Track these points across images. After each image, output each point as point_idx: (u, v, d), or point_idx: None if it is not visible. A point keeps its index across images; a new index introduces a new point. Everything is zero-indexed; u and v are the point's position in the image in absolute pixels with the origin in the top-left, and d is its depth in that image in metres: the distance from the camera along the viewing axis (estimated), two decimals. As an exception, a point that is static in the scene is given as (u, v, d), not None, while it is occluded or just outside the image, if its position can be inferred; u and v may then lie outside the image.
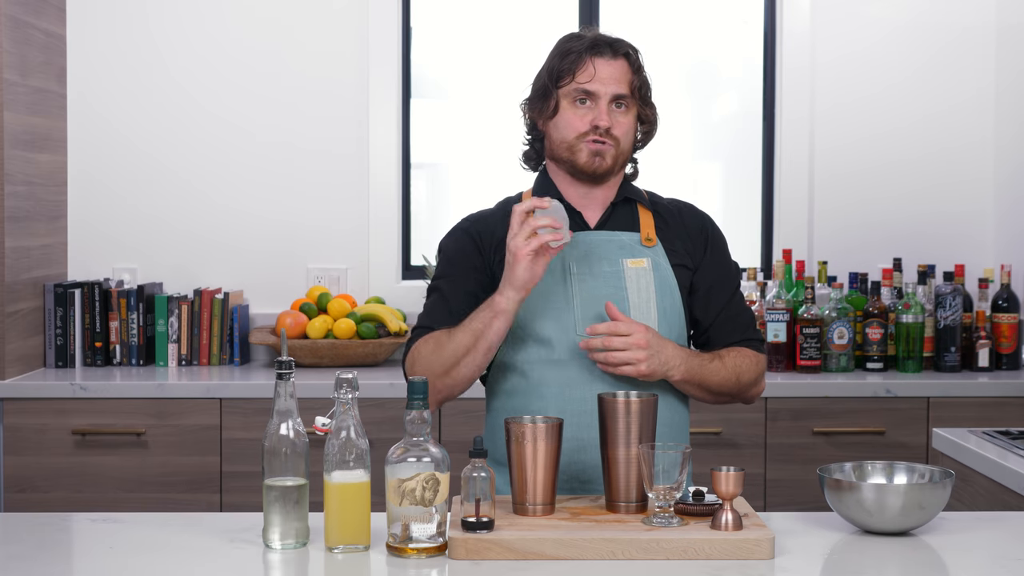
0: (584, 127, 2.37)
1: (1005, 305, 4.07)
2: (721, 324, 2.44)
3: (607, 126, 2.36)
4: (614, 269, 2.38)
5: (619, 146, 2.39)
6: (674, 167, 4.47)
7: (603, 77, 2.37)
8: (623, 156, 2.41)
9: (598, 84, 2.37)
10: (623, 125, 2.39)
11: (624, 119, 2.39)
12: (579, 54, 2.39)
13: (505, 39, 4.45)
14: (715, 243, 2.49)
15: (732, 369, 2.39)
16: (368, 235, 4.33)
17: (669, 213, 2.48)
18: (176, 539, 2.09)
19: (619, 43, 2.42)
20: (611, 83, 2.38)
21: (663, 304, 2.38)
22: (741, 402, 2.47)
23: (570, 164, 2.41)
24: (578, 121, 2.38)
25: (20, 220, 3.87)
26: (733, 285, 2.48)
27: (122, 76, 4.30)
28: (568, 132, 2.39)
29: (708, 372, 2.35)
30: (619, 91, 2.38)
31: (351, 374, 2.02)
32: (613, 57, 2.40)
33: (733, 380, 2.39)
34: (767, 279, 4.31)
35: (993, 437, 2.94)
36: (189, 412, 3.74)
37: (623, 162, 2.43)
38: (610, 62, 2.39)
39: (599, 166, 2.38)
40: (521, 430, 2.09)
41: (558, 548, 1.96)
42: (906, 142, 4.37)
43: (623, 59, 2.41)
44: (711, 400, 2.42)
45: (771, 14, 4.43)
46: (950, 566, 1.98)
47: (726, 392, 2.40)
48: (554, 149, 2.43)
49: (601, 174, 2.40)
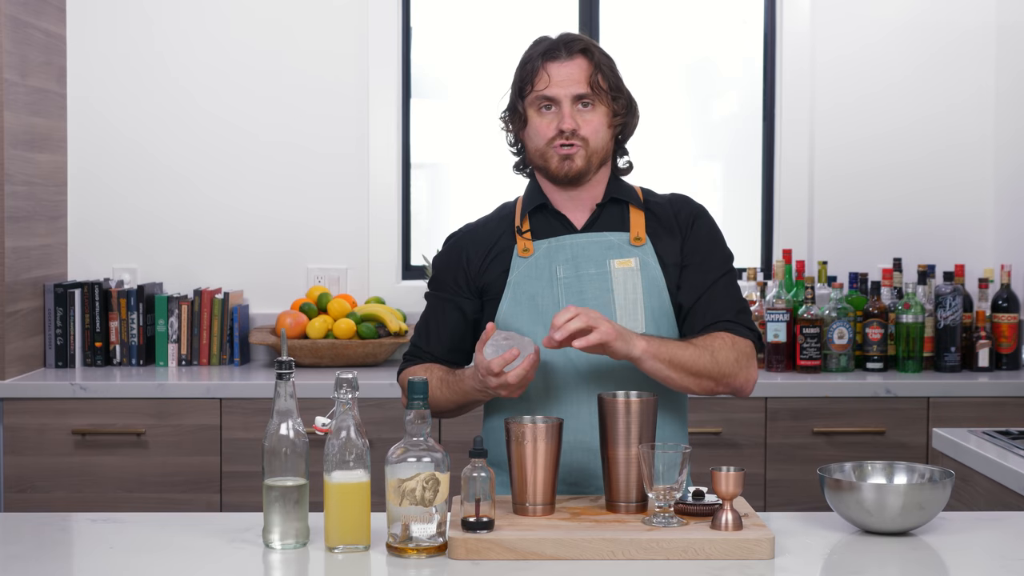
0: (551, 132, 2.37)
1: (1005, 305, 4.07)
2: (699, 307, 2.36)
3: (572, 128, 2.35)
4: (601, 271, 2.37)
5: (588, 145, 2.37)
6: (674, 167, 4.48)
7: (559, 80, 2.36)
8: (597, 155, 2.39)
9: (556, 88, 2.36)
10: (591, 123, 2.37)
11: (592, 117, 2.38)
12: (534, 61, 2.39)
13: (505, 39, 4.45)
14: (699, 228, 2.43)
15: (703, 347, 2.28)
16: (368, 235, 4.33)
17: (662, 210, 2.44)
18: (176, 539, 2.09)
19: (574, 42, 2.39)
20: (569, 84, 2.36)
21: (651, 304, 2.36)
22: (734, 392, 2.35)
23: (545, 171, 2.42)
24: (545, 128, 2.38)
25: (20, 220, 3.87)
26: (718, 271, 2.40)
27: (122, 76, 4.30)
28: (538, 140, 2.39)
29: (674, 347, 2.26)
30: (578, 91, 2.37)
31: (351, 374, 2.02)
32: (568, 57, 2.38)
33: (708, 357, 2.28)
34: (767, 279, 4.31)
35: (993, 437, 2.94)
36: (189, 412, 3.74)
37: (600, 160, 2.41)
38: (564, 64, 2.37)
39: (569, 169, 2.38)
40: (521, 430, 2.10)
41: (558, 548, 1.96)
42: (906, 142, 4.37)
43: (580, 56, 2.38)
44: (695, 386, 2.29)
45: (771, 14, 4.43)
46: (950, 566, 1.98)
47: (705, 372, 2.28)
48: (531, 158, 2.44)
49: (574, 177, 2.39)
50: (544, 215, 2.45)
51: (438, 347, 2.47)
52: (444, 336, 2.47)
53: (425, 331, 2.49)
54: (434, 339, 2.48)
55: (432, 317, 2.49)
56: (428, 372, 2.43)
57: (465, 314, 2.45)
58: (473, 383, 2.29)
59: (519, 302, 2.37)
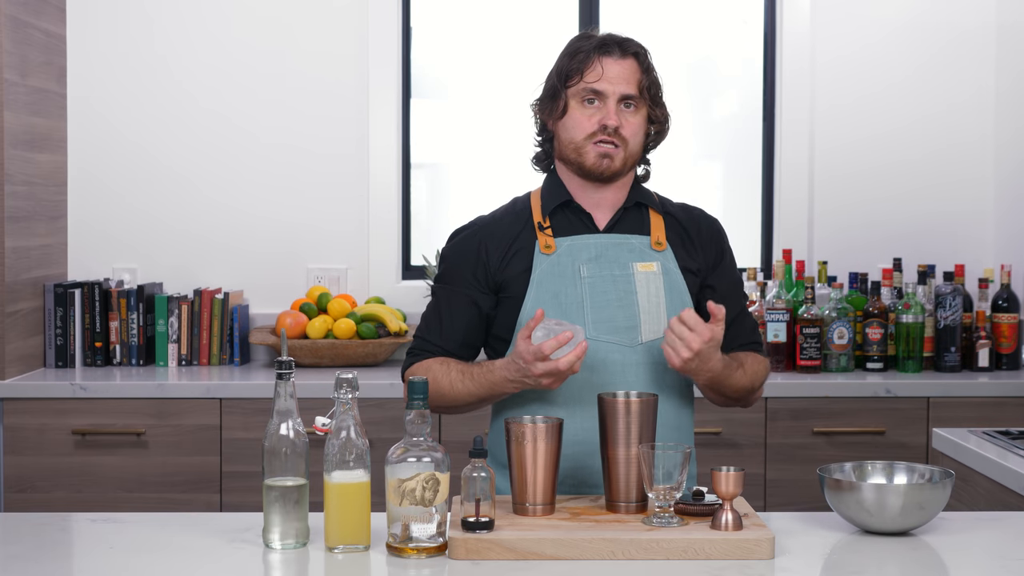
0: (592, 127, 2.36)
1: (1005, 305, 4.07)
2: (733, 328, 2.44)
3: (615, 125, 2.35)
4: (624, 272, 2.37)
5: (628, 147, 2.38)
6: (674, 167, 4.47)
7: (611, 76, 2.36)
8: (632, 157, 2.40)
9: (606, 83, 2.36)
10: (632, 125, 2.38)
11: (633, 119, 2.38)
12: (587, 53, 2.38)
13: (505, 39, 4.45)
14: (729, 252, 2.51)
15: (751, 376, 2.40)
16: (368, 235, 4.33)
17: (681, 218, 2.47)
18: (176, 539, 2.09)
19: (628, 43, 2.41)
20: (619, 82, 2.36)
21: (673, 308, 2.37)
22: (742, 406, 2.48)
23: (578, 165, 2.39)
24: (586, 121, 2.37)
25: (20, 220, 3.87)
26: (742, 292, 2.52)
27: (122, 76, 4.30)
28: (576, 132, 2.38)
29: (732, 379, 2.36)
30: (627, 91, 2.37)
31: (351, 374, 2.02)
32: (622, 56, 2.38)
33: (747, 385, 2.40)
34: (767, 279, 4.31)
35: (993, 437, 2.94)
36: (189, 412, 3.74)
37: (632, 163, 2.42)
38: (618, 61, 2.38)
39: (607, 168, 2.37)
40: (521, 430, 2.10)
41: (558, 548, 1.96)
42: (906, 142, 4.37)
43: (632, 59, 2.39)
44: (720, 402, 2.43)
45: (771, 14, 4.43)
46: (950, 566, 1.98)
47: (737, 398, 2.42)
48: (563, 150, 2.42)
49: (609, 176, 2.38)
50: (565, 212, 2.43)
51: (450, 341, 2.41)
52: (458, 330, 2.40)
53: (437, 325, 2.42)
54: (447, 333, 2.41)
55: (444, 311, 2.42)
56: (445, 365, 2.37)
57: (480, 309, 2.40)
58: (506, 372, 2.26)
59: (541, 300, 2.35)
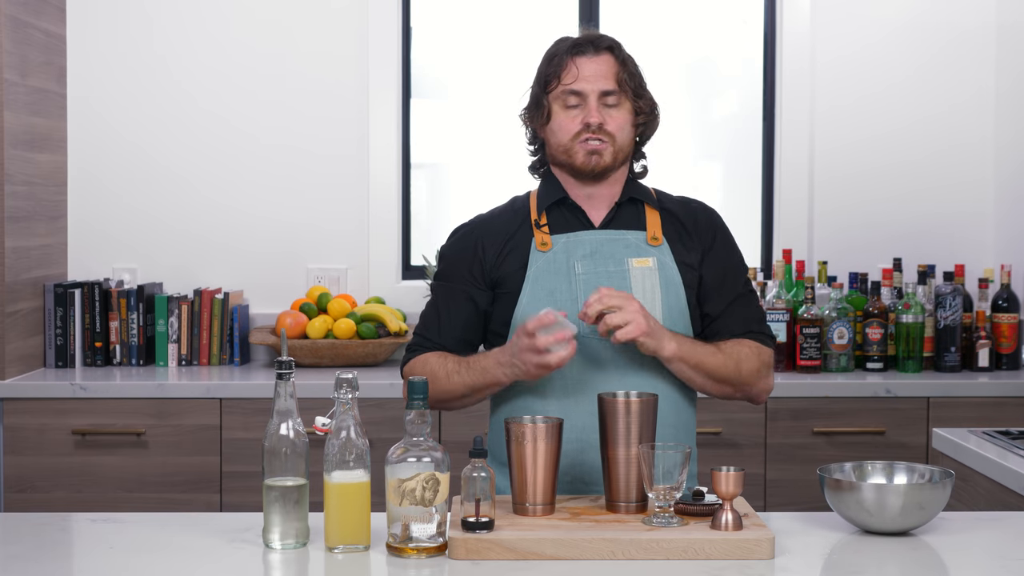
0: (576, 127, 2.38)
1: (1005, 305, 4.07)
2: (728, 316, 2.42)
3: (598, 122, 2.37)
4: (619, 268, 2.38)
5: (615, 141, 2.39)
6: (674, 167, 4.47)
7: (587, 75, 2.38)
8: (622, 151, 2.41)
9: (583, 82, 2.38)
10: (616, 119, 2.39)
11: (617, 114, 2.39)
12: (562, 56, 2.40)
13: (505, 39, 4.45)
14: (724, 237, 2.48)
15: (730, 355, 2.36)
16: (368, 235, 4.33)
17: (677, 211, 2.47)
18: (176, 539, 2.09)
19: (601, 39, 2.42)
20: (596, 79, 2.38)
21: (668, 303, 2.37)
22: (749, 399, 2.43)
23: (569, 166, 2.41)
24: (570, 123, 2.39)
25: (20, 220, 3.87)
26: (741, 280, 2.47)
27: (122, 76, 4.30)
28: (562, 135, 2.40)
29: (703, 352, 2.33)
30: (606, 86, 2.38)
31: (351, 374, 2.02)
32: (595, 53, 2.40)
33: (732, 366, 2.35)
34: (767, 279, 4.31)
35: (993, 437, 2.94)
36: (189, 412, 3.74)
37: (624, 157, 2.43)
38: (593, 59, 2.39)
39: (596, 164, 2.38)
40: (521, 430, 2.10)
41: (558, 548, 1.96)
42: (906, 142, 4.37)
43: (607, 53, 2.40)
44: (714, 390, 2.38)
45: (771, 14, 4.43)
46: (950, 566, 1.98)
47: (727, 379, 2.36)
48: (553, 154, 2.44)
49: (600, 171, 2.40)
50: (561, 210, 2.45)
51: (449, 337, 2.43)
52: (456, 326, 2.43)
53: (436, 321, 2.45)
54: (445, 329, 2.43)
55: (443, 307, 2.45)
56: (442, 358, 2.39)
57: (477, 305, 2.43)
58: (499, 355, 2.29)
59: (537, 296, 2.36)
